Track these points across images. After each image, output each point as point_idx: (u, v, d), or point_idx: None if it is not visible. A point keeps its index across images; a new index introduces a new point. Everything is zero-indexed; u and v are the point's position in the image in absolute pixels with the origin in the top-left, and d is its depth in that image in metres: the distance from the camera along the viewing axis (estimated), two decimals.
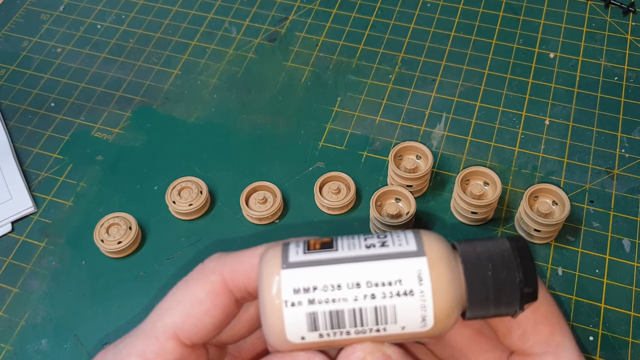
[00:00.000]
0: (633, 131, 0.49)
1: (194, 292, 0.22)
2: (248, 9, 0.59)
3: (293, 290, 0.19)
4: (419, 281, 0.19)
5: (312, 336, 0.19)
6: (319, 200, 0.45)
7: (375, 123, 0.50)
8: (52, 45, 0.58)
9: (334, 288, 0.19)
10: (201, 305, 0.21)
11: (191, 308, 0.21)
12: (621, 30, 0.56)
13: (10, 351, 0.41)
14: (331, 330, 0.19)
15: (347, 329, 0.19)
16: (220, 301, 0.21)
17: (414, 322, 0.19)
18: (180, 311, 0.21)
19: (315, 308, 0.19)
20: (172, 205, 0.45)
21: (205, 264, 0.22)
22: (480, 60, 0.54)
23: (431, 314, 0.19)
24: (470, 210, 0.43)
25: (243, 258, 0.22)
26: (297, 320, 0.19)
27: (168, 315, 0.21)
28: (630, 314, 0.40)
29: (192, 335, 0.21)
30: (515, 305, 0.20)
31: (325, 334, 0.19)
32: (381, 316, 0.19)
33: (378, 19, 0.58)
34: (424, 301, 0.19)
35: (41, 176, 0.49)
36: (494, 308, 0.20)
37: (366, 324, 0.19)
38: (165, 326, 0.21)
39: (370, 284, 0.19)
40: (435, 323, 0.19)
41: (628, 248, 0.43)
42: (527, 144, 0.49)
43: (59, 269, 0.44)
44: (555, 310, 0.22)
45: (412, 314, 0.19)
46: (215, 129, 0.51)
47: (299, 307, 0.19)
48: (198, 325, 0.21)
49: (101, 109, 0.53)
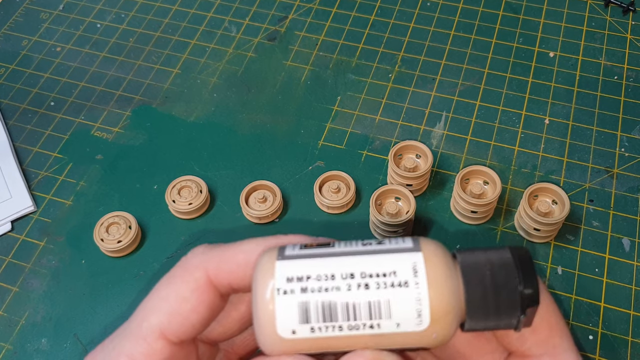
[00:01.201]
0: (633, 130, 0.49)
1: (179, 290, 0.21)
2: (248, 8, 0.59)
3: (286, 279, 0.19)
4: (413, 273, 0.19)
5: (304, 330, 0.19)
6: (319, 200, 0.45)
7: (375, 122, 0.50)
8: (51, 44, 0.58)
9: (328, 278, 0.19)
10: (187, 303, 0.21)
11: (177, 307, 0.21)
12: (621, 30, 0.56)
13: (10, 350, 0.41)
14: (323, 323, 0.19)
15: (340, 322, 0.19)
16: (205, 298, 0.21)
17: (409, 318, 0.19)
18: (165, 310, 0.21)
19: (307, 297, 0.19)
20: (172, 204, 0.45)
21: (189, 259, 0.22)
22: (480, 59, 0.54)
23: (427, 309, 0.19)
24: (470, 209, 0.43)
25: (227, 254, 0.22)
26: (289, 310, 0.19)
27: (154, 314, 0.21)
28: (630, 313, 0.40)
29: (179, 334, 0.21)
30: (516, 315, 0.19)
31: (317, 328, 0.19)
32: (375, 310, 0.19)
33: (378, 18, 0.58)
34: (419, 293, 0.19)
35: (41, 175, 0.49)
36: (494, 317, 0.19)
37: (359, 317, 0.19)
38: (152, 326, 0.21)
39: (364, 274, 0.19)
40: (432, 321, 0.19)
41: (628, 247, 0.43)
42: (527, 143, 0.49)
43: (58, 268, 0.44)
44: (554, 311, 0.22)
45: (406, 308, 0.19)
46: (215, 128, 0.51)
47: (291, 295, 0.19)
48: (184, 323, 0.21)
49: (101, 108, 0.53)
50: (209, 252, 0.22)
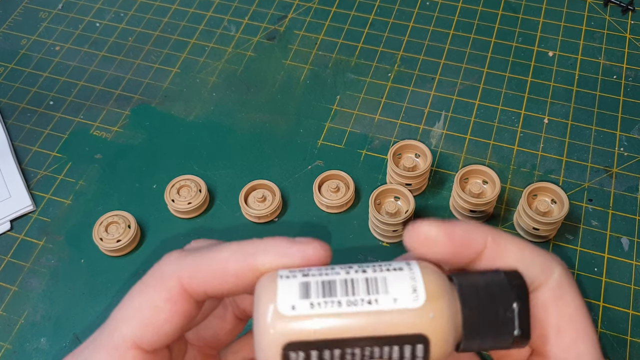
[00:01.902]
0: (632, 130, 0.49)
1: (152, 299, 0.21)
2: (247, 7, 0.59)
3: (289, 270, 0.20)
4: (407, 265, 0.20)
5: (303, 306, 0.19)
6: (318, 199, 0.45)
7: (374, 121, 0.50)
8: (50, 43, 0.58)
9: (327, 269, 0.20)
10: (160, 314, 0.21)
11: (149, 317, 0.21)
12: (620, 29, 0.56)
13: (9, 349, 0.41)
14: (322, 299, 0.19)
15: (339, 298, 0.19)
16: (179, 307, 0.21)
17: (406, 294, 0.19)
18: (138, 321, 0.21)
19: (308, 279, 0.20)
20: (171, 203, 0.45)
21: (162, 268, 0.21)
22: (479, 58, 0.54)
23: (422, 286, 0.19)
24: (469, 208, 0.43)
25: (202, 263, 0.21)
26: (290, 289, 0.20)
27: (126, 325, 0.21)
28: (629, 312, 0.40)
29: (152, 343, 0.21)
30: (511, 330, 0.19)
31: (316, 303, 0.19)
32: (372, 285, 0.20)
33: (377, 17, 0.58)
34: (412, 274, 0.20)
35: (40, 174, 0.49)
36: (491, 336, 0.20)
37: (357, 292, 0.19)
38: (124, 336, 0.21)
39: (361, 266, 0.20)
40: (428, 298, 0.19)
41: (627, 246, 0.43)
42: (526, 142, 0.49)
43: (58, 267, 0.44)
44: (583, 316, 0.21)
45: (402, 284, 0.20)
46: (215, 127, 0.51)
47: (293, 279, 0.20)
48: (158, 332, 0.21)
49: (100, 107, 0.53)
50: (182, 260, 0.21)
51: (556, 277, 0.21)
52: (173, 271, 0.21)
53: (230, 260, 0.21)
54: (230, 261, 0.21)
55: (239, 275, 0.20)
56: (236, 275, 0.21)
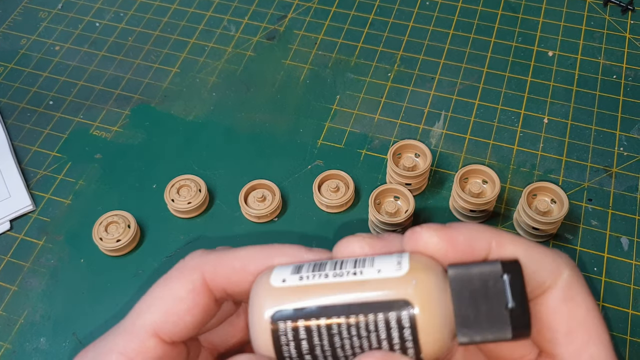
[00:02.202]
0: (632, 129, 0.49)
1: (175, 290, 0.22)
2: (247, 7, 0.59)
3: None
4: (397, 256, 0.21)
5: (293, 279, 0.21)
6: (318, 199, 0.45)
7: (374, 121, 0.50)
8: (50, 43, 0.58)
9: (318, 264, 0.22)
10: (182, 304, 0.21)
11: (172, 306, 0.21)
12: (620, 29, 0.56)
13: (9, 349, 0.41)
14: (311, 273, 0.21)
15: (327, 272, 0.21)
16: (200, 300, 0.22)
17: (390, 266, 0.20)
18: (161, 309, 0.21)
19: (303, 263, 0.22)
20: (171, 203, 0.45)
21: (187, 262, 0.22)
22: (479, 58, 0.54)
23: (406, 260, 0.20)
24: (469, 208, 0.43)
25: (224, 259, 0.22)
26: (284, 269, 0.21)
27: (149, 313, 0.21)
28: (629, 312, 0.40)
29: (172, 334, 0.21)
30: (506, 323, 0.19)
31: (305, 277, 0.21)
32: (360, 262, 0.21)
33: (377, 17, 0.58)
34: (400, 256, 0.21)
35: (40, 174, 0.49)
36: (485, 327, 0.19)
37: (345, 267, 0.21)
38: (146, 324, 0.21)
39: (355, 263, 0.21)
40: (411, 269, 0.20)
41: (626, 246, 0.43)
42: (526, 142, 0.49)
43: (57, 267, 0.44)
44: (595, 317, 0.20)
45: (388, 259, 0.21)
46: (214, 127, 0.51)
47: (290, 265, 0.22)
48: (179, 323, 0.21)
49: (100, 107, 0.53)
50: (206, 256, 0.22)
51: (565, 278, 0.20)
52: (197, 265, 0.22)
53: (250, 259, 0.22)
54: (251, 260, 0.22)
55: (258, 274, 0.22)
56: (255, 274, 0.22)
